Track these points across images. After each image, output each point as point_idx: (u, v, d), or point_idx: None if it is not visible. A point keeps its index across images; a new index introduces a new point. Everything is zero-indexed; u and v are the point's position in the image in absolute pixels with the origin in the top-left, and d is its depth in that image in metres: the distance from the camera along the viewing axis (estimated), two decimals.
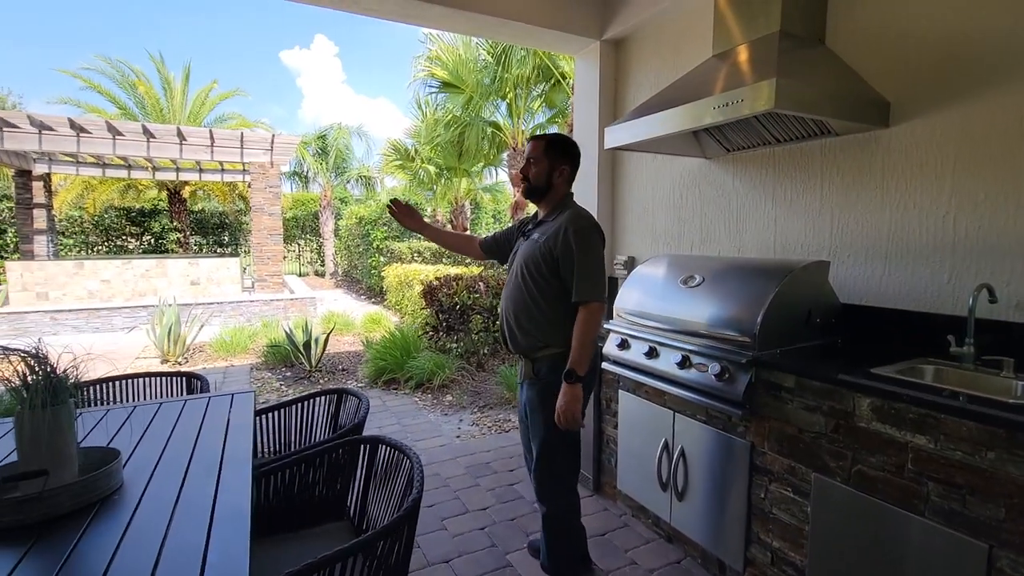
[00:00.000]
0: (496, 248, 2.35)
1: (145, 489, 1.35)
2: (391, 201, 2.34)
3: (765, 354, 1.89)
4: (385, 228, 11.80)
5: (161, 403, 2.02)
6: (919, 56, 1.98)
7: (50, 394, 1.25)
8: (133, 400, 2.41)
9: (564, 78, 8.53)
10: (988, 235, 1.82)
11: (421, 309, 6.45)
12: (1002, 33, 1.75)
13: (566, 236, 1.92)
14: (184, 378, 2.46)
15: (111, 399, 2.37)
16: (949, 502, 1.39)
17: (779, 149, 2.51)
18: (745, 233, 2.72)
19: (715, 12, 2.45)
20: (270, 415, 2.22)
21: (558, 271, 1.95)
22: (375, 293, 11.67)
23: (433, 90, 10.04)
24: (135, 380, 2.44)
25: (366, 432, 1.94)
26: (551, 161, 2.04)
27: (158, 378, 2.47)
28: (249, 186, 10.26)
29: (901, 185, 2.06)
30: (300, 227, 17.83)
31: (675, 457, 2.28)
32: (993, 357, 1.67)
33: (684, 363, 2.13)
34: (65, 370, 1.32)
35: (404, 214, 2.33)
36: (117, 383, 2.39)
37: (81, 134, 8.43)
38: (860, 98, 2.05)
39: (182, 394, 2.43)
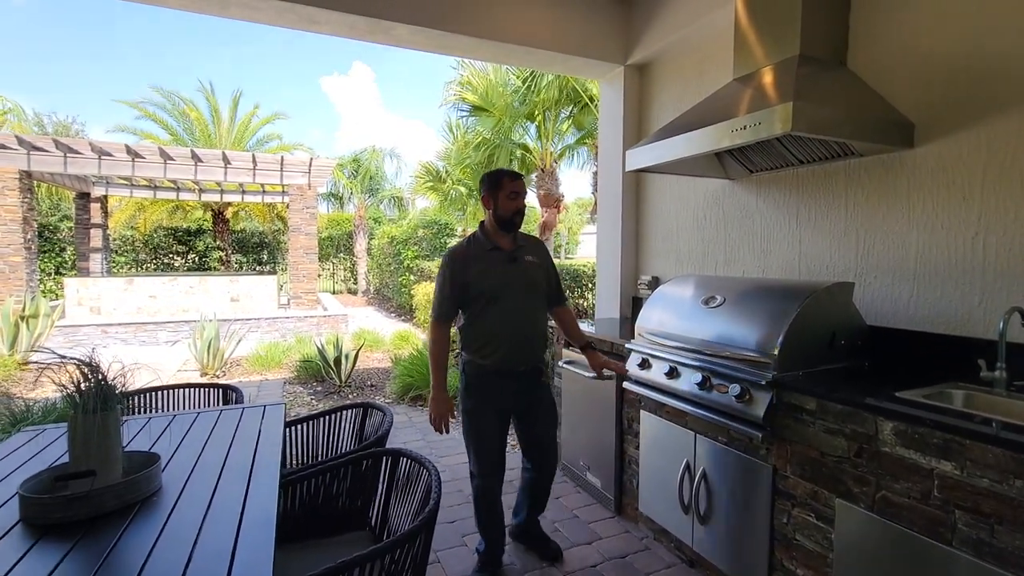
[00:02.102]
0: (456, 309, 2.37)
1: (181, 492, 1.44)
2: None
3: (786, 376, 1.87)
4: (415, 248, 12.06)
5: (199, 413, 2.13)
6: (942, 77, 1.96)
7: (100, 400, 1.36)
8: (173, 409, 2.54)
9: (592, 100, 8.64)
10: (1020, 256, 1.77)
11: None
12: None
13: (548, 254, 2.42)
14: (221, 390, 2.59)
15: (153, 408, 2.51)
16: (977, 531, 1.35)
17: (802, 170, 2.50)
18: (770, 254, 2.70)
19: (736, 37, 2.48)
20: (299, 427, 2.31)
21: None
22: (405, 311, 11.87)
23: (464, 114, 10.34)
24: (175, 390, 2.58)
25: (390, 447, 2.00)
26: None
27: (197, 389, 2.61)
28: (287, 207, 10.68)
29: (928, 206, 2.03)
30: (335, 246, 18.37)
31: (697, 479, 2.25)
32: None
33: (705, 384, 2.13)
34: (114, 379, 1.43)
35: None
36: (159, 393, 2.53)
37: (136, 159, 9.00)
38: (882, 120, 2.04)
39: (218, 405, 2.55)
